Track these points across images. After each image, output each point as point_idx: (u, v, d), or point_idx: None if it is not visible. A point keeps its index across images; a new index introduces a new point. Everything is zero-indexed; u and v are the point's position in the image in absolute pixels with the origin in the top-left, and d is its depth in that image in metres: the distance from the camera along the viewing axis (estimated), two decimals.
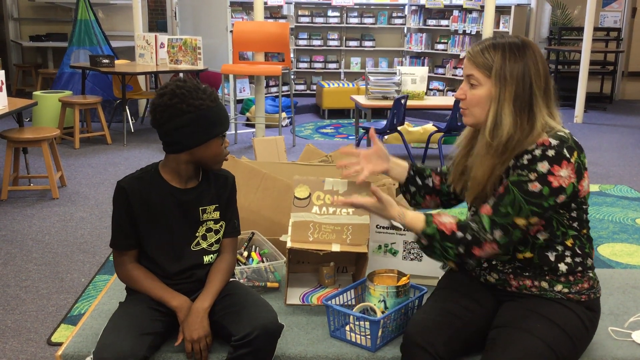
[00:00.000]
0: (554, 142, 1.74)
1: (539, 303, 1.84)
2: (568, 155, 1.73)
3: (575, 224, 1.84)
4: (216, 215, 2.03)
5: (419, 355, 1.77)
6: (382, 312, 2.01)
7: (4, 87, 4.73)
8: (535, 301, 1.85)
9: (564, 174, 1.73)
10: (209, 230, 2.03)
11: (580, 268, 1.85)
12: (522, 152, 1.77)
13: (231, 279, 2.08)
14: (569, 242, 1.84)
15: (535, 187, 1.73)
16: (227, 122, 1.97)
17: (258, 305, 1.93)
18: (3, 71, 4.89)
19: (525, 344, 1.73)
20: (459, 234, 1.78)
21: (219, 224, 2.05)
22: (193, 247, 2.00)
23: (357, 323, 1.99)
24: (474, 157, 1.88)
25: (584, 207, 1.85)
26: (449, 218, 1.83)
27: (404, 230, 1.92)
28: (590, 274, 1.88)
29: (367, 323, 1.96)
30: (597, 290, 1.90)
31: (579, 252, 1.85)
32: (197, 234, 2.00)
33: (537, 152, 1.74)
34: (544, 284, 1.85)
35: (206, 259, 2.02)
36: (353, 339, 2.01)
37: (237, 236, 2.13)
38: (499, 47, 1.81)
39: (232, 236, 2.09)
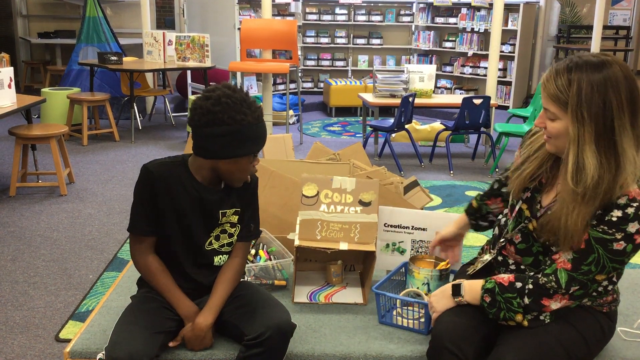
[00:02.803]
0: None
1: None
2: None
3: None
4: (234, 219, 2.01)
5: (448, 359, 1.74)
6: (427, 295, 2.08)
7: (12, 83, 4.75)
8: None
9: None
10: (223, 232, 2.01)
11: (610, 288, 1.81)
12: (610, 204, 1.62)
13: (241, 280, 2.07)
14: (613, 273, 1.76)
15: (620, 246, 1.64)
16: (263, 141, 1.91)
17: (271, 306, 1.92)
18: (12, 68, 4.92)
19: (538, 340, 1.72)
20: (518, 284, 1.73)
21: (235, 228, 2.03)
22: (206, 247, 1.99)
23: (406, 308, 2.04)
24: (559, 203, 1.70)
25: None
26: (507, 274, 1.79)
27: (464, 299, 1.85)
28: (615, 287, 1.84)
29: (418, 307, 2.04)
30: (618, 302, 1.87)
31: (616, 280, 1.81)
32: (211, 234, 1.99)
33: (630, 210, 1.60)
34: None
35: (216, 259, 2.01)
36: (404, 324, 2.07)
37: (252, 240, 2.10)
38: (575, 76, 1.61)
39: (245, 240, 2.07)
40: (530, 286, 1.71)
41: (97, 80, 7.34)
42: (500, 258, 1.92)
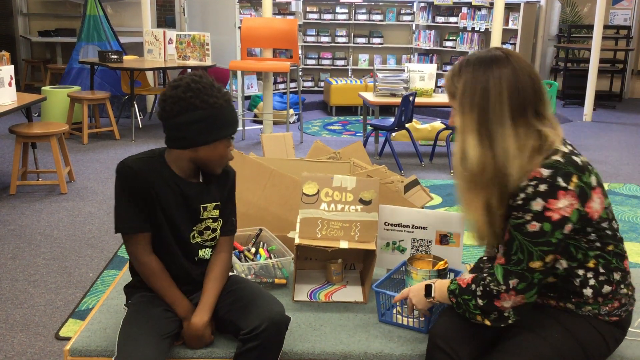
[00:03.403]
0: (545, 172, 1.60)
1: (563, 314, 1.75)
2: (564, 184, 1.59)
3: (596, 244, 1.70)
4: (215, 213, 2.00)
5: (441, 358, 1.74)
6: None
7: (13, 82, 4.75)
8: (560, 312, 1.76)
9: (563, 204, 1.59)
10: (207, 228, 2.00)
11: (608, 287, 1.73)
12: (516, 190, 1.63)
13: (230, 274, 2.06)
14: (591, 264, 1.71)
15: (533, 227, 1.61)
16: (236, 124, 1.93)
17: (264, 299, 1.92)
18: (12, 66, 4.91)
19: (536, 350, 1.69)
20: (472, 286, 1.72)
21: (217, 223, 2.01)
22: (191, 240, 1.98)
23: (406, 306, 2.04)
24: (459, 198, 1.74)
25: (604, 224, 1.70)
26: (470, 274, 1.78)
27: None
28: (622, 290, 1.76)
29: None
30: (630, 304, 1.80)
31: (603, 270, 1.72)
32: (194, 228, 1.97)
33: (529, 189, 1.60)
34: (570, 306, 1.76)
35: (201, 252, 2.00)
36: (404, 322, 2.08)
37: (234, 234, 2.09)
38: (464, 70, 1.68)
39: (230, 234, 2.06)
40: (480, 288, 1.70)
41: (98, 79, 7.34)
42: None
